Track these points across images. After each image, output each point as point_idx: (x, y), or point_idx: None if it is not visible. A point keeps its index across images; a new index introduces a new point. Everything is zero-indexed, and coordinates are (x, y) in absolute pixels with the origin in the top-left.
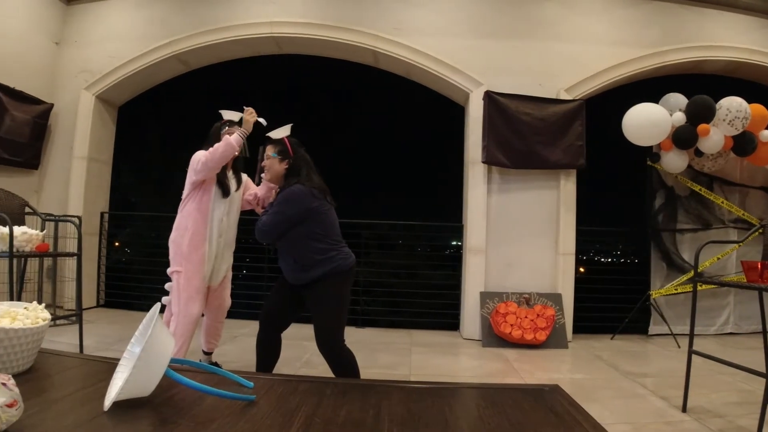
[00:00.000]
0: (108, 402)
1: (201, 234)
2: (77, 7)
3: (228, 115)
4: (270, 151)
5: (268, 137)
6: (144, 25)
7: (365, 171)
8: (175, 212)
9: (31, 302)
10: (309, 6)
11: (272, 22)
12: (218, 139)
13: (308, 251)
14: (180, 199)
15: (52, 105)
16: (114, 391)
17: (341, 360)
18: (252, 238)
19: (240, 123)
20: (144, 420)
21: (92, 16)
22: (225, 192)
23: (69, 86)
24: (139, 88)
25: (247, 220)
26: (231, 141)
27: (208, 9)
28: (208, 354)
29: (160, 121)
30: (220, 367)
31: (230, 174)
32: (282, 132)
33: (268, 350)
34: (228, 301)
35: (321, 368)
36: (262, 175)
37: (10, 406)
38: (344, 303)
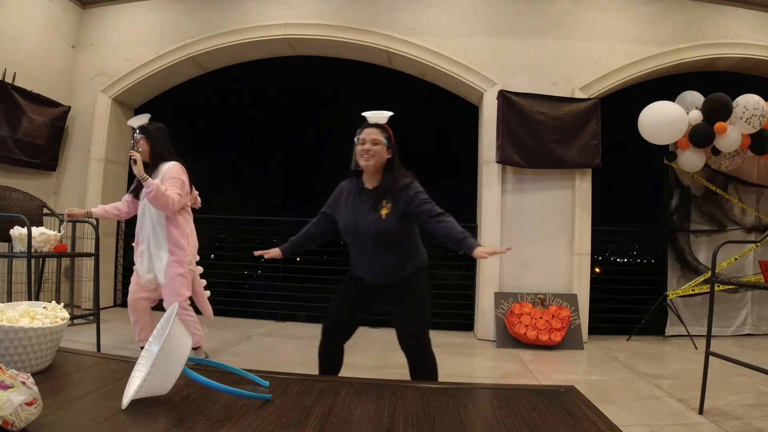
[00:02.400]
0: (126, 400)
1: (136, 235)
2: (93, 11)
3: (132, 121)
4: (379, 135)
5: (364, 117)
6: (159, 28)
7: None
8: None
9: (49, 302)
10: (322, 7)
11: (286, 23)
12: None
13: (410, 246)
14: None
15: (69, 108)
16: (132, 389)
17: (429, 358)
18: (266, 238)
19: (143, 128)
20: (161, 418)
21: (108, 20)
22: (135, 195)
23: (86, 89)
24: (155, 90)
25: (254, 220)
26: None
27: (222, 11)
28: (194, 349)
29: (176, 123)
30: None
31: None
32: (384, 117)
33: (332, 362)
34: (166, 296)
35: None
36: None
37: (29, 404)
38: (429, 296)
